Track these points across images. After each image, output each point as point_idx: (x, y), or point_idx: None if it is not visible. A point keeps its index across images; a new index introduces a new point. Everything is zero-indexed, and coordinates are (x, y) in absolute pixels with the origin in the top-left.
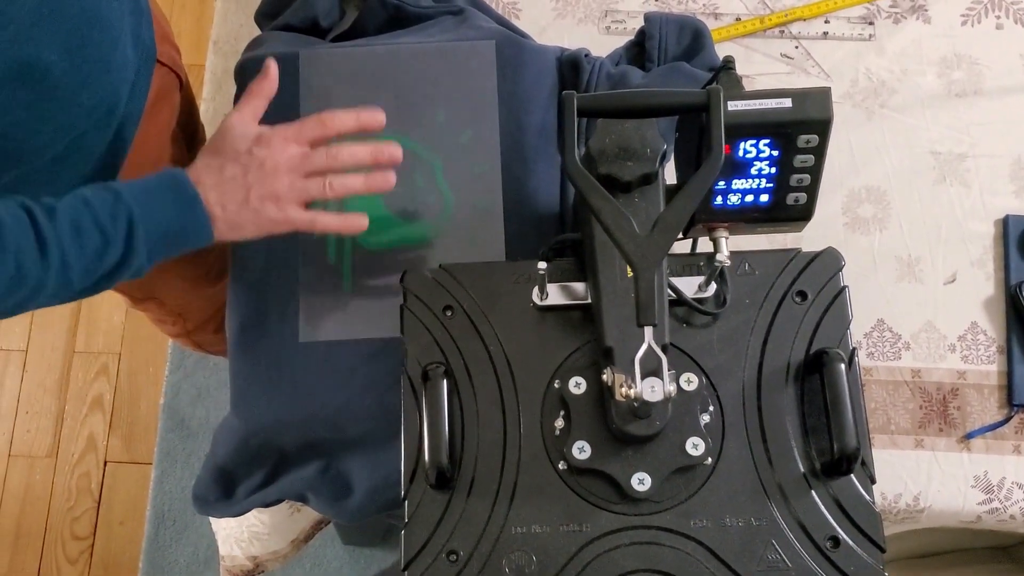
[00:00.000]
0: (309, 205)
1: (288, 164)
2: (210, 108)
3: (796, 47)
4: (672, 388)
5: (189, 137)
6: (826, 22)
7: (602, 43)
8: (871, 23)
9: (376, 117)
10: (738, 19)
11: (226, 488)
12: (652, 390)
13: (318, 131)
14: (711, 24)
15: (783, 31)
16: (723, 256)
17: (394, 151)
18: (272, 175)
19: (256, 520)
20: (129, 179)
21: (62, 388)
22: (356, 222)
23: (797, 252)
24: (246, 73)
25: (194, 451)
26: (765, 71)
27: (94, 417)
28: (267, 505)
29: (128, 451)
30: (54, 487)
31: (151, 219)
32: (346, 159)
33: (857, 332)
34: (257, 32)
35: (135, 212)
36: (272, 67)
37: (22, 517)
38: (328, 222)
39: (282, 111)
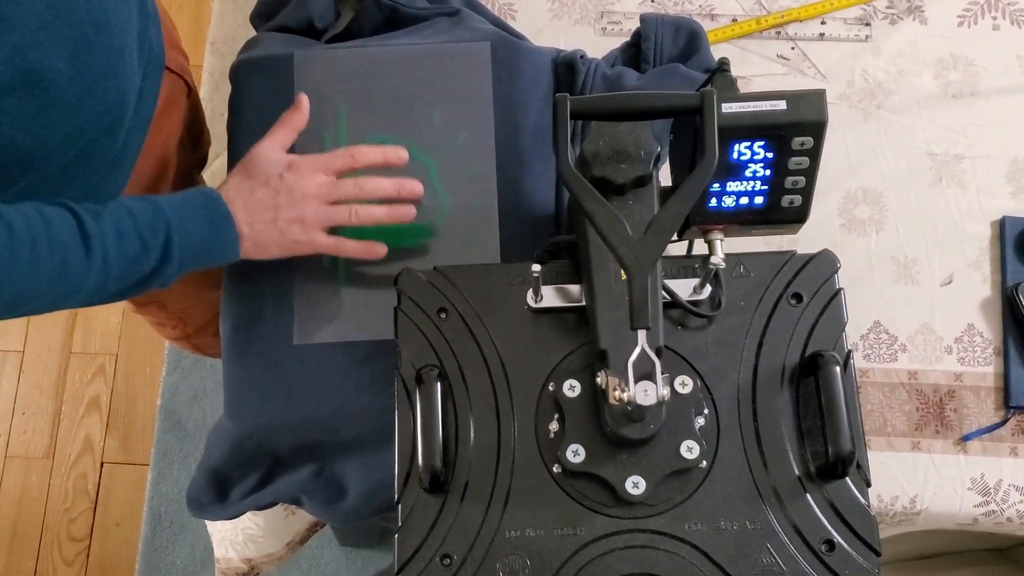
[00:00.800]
0: (330, 230)
1: (316, 191)
2: (207, 108)
3: (792, 48)
4: (666, 392)
5: (195, 141)
6: (822, 23)
7: (598, 44)
8: (867, 24)
9: (400, 154)
10: (734, 20)
11: (220, 491)
12: (645, 394)
13: (346, 163)
14: (707, 25)
15: (779, 32)
16: (718, 258)
17: (415, 187)
18: (301, 200)
19: (251, 522)
20: (151, 190)
21: (59, 389)
22: (376, 250)
23: (792, 254)
24: (241, 74)
25: (191, 452)
26: (761, 72)
27: (91, 418)
28: (261, 508)
29: (125, 452)
30: (50, 488)
31: (186, 232)
32: (371, 190)
33: (853, 334)
34: (253, 33)
35: (172, 224)
36: (304, 102)
37: (18, 518)
38: (352, 248)
39: (277, 113)
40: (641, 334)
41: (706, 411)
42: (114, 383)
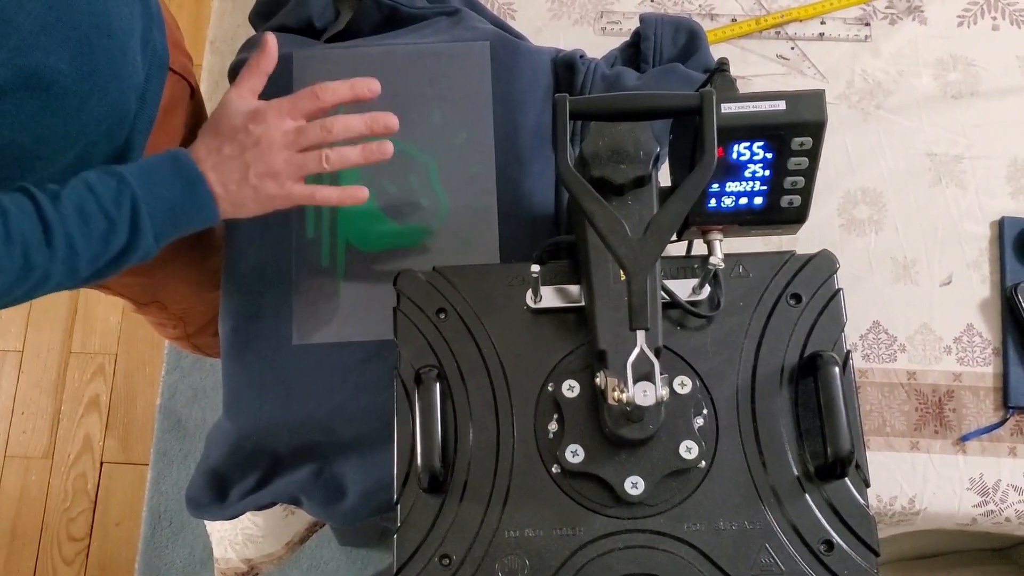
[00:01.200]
0: (309, 180)
1: (284, 140)
2: (207, 108)
3: (792, 48)
4: (664, 392)
5: None
6: (822, 23)
7: (597, 44)
8: (867, 24)
9: (370, 85)
10: (734, 20)
11: (219, 491)
12: (644, 394)
13: (312, 104)
14: (707, 25)
15: (779, 32)
16: (717, 259)
17: (389, 120)
18: (268, 151)
19: (250, 522)
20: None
21: (58, 389)
22: (356, 193)
23: (791, 254)
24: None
25: (190, 452)
26: (761, 72)
27: (90, 418)
28: (260, 508)
29: (124, 452)
30: (50, 488)
31: (155, 200)
32: (340, 131)
33: (853, 334)
34: (253, 33)
35: (139, 194)
36: (271, 42)
37: (18, 518)
38: (328, 194)
39: None
40: (640, 334)
41: (705, 411)
42: (113, 383)
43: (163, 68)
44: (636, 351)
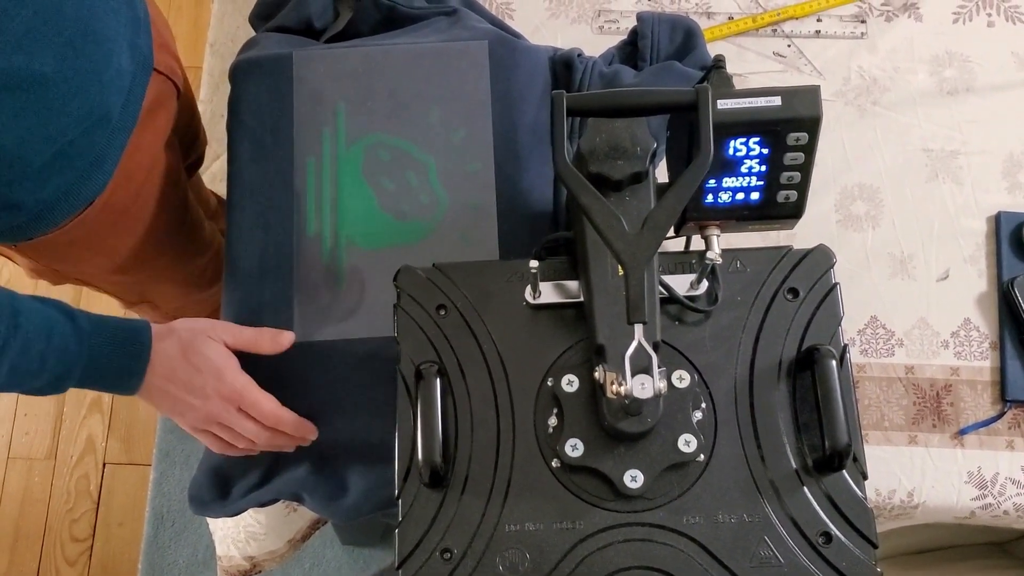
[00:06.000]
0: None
1: (229, 397)
2: (207, 109)
3: (788, 45)
4: (662, 385)
5: (189, 143)
6: (818, 20)
7: (595, 43)
8: (863, 21)
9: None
10: (731, 18)
11: (221, 488)
12: (642, 387)
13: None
14: (704, 23)
15: (775, 30)
16: (715, 254)
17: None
18: (212, 405)
19: (253, 520)
20: (137, 191)
21: None
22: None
23: (789, 249)
24: (240, 74)
25: (193, 452)
26: (758, 70)
27: (92, 419)
28: (263, 505)
29: (127, 453)
30: (53, 489)
31: (93, 369)
32: (265, 443)
33: (850, 329)
34: (253, 34)
35: (82, 363)
36: (286, 341)
37: (21, 519)
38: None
39: (276, 112)
40: (638, 328)
41: (703, 405)
42: None
43: (147, 70)
44: (634, 344)
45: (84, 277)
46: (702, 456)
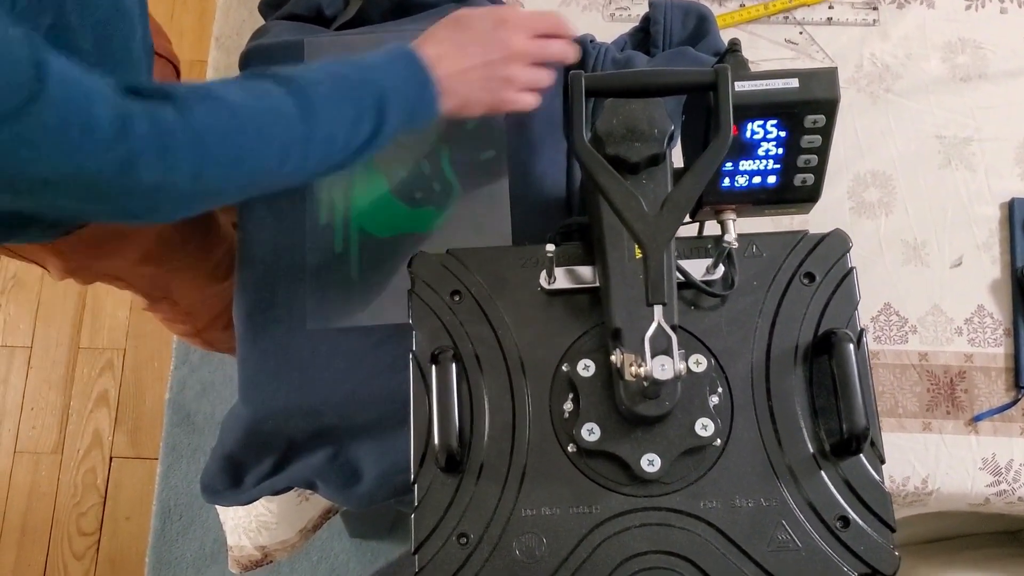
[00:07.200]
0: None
1: (525, 49)
2: None
3: (800, 33)
4: (682, 366)
5: None
6: (830, 8)
7: (607, 30)
8: (875, 8)
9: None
10: (742, 5)
11: (234, 476)
12: (663, 368)
13: (550, 28)
14: (716, 10)
15: (787, 17)
16: (731, 238)
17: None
18: (511, 60)
19: (264, 509)
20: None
21: (67, 384)
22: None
23: (804, 234)
24: (251, 61)
25: (200, 446)
26: (770, 57)
27: (99, 413)
28: (276, 493)
29: (134, 447)
30: (60, 483)
31: (395, 94)
32: (556, 53)
33: (864, 316)
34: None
35: (385, 87)
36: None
37: (28, 513)
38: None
39: None
40: (657, 310)
41: (720, 390)
42: (122, 378)
43: (151, 52)
44: (654, 326)
45: (114, 272)
46: (719, 440)
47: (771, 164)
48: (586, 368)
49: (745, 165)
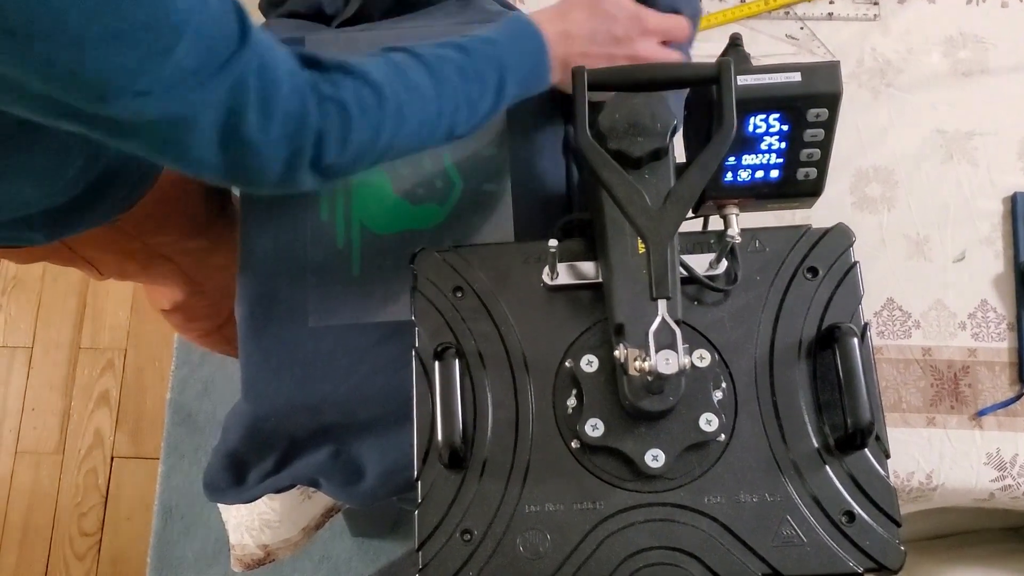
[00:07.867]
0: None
1: (648, 55)
2: None
3: (801, 28)
4: (687, 361)
5: None
6: (831, 2)
7: None
8: (876, 3)
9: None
10: (743, 1)
11: (237, 474)
12: (667, 362)
13: (677, 37)
14: (716, 6)
15: (788, 12)
16: (734, 233)
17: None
18: (637, 48)
19: (267, 507)
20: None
21: (68, 384)
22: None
23: (807, 228)
24: None
25: (201, 445)
26: (770, 52)
27: (100, 413)
28: (279, 491)
29: (135, 446)
30: (61, 483)
31: (515, 69)
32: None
33: (867, 311)
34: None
35: (506, 64)
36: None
37: (29, 514)
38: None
39: None
40: (662, 304)
41: (724, 385)
42: (123, 378)
43: None
44: (658, 320)
45: (166, 250)
46: (723, 435)
47: (774, 158)
48: (589, 364)
49: (748, 159)
